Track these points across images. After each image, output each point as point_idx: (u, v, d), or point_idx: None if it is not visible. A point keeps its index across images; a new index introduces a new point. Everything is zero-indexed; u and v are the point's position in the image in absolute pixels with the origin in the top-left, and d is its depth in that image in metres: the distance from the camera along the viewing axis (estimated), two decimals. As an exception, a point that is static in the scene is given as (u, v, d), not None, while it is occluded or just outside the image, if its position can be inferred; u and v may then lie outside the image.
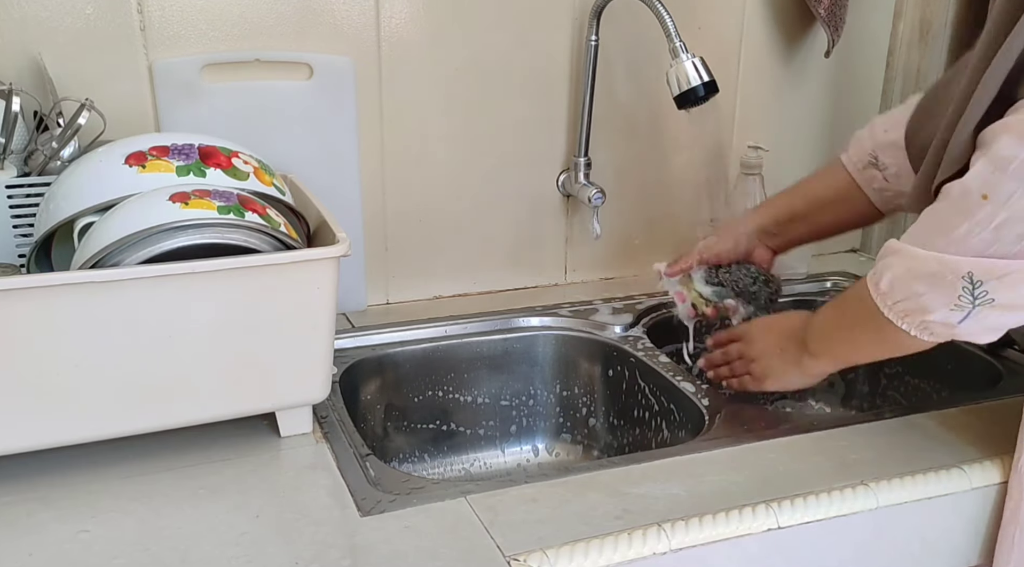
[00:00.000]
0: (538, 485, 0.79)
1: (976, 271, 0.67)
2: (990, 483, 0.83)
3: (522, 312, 1.19)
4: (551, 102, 1.22)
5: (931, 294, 0.70)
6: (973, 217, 0.66)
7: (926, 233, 0.71)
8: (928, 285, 0.70)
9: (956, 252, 0.68)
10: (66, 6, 0.98)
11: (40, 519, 0.73)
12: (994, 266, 0.66)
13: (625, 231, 1.33)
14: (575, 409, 1.19)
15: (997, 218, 0.65)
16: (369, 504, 0.76)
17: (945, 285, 0.69)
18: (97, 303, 0.73)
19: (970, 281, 0.67)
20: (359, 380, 1.07)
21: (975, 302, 0.68)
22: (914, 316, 0.73)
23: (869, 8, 1.36)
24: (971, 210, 0.66)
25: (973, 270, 0.67)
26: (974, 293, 0.68)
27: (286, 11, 1.06)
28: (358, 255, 1.16)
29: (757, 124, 1.36)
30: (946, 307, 0.70)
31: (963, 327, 0.71)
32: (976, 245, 0.66)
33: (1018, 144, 0.64)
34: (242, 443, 0.85)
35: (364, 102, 1.13)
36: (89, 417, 0.77)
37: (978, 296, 0.68)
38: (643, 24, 1.14)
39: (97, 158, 0.83)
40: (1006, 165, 0.64)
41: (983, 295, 0.67)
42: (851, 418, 1.10)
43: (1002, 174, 0.64)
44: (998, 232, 0.65)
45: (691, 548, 0.72)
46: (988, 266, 0.67)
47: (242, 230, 0.79)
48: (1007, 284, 0.67)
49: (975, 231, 0.66)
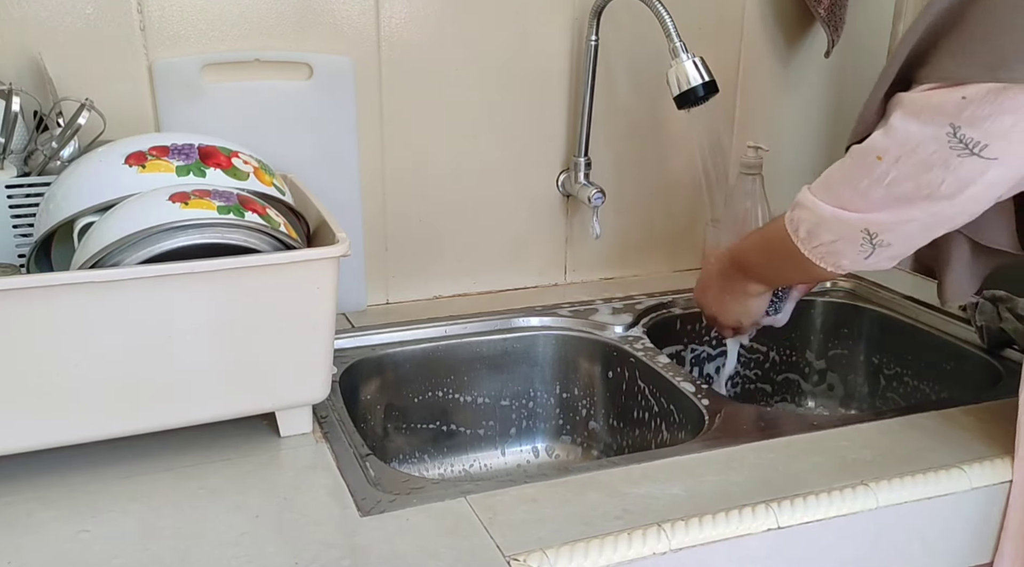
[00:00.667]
0: (538, 485, 0.79)
1: (870, 227, 0.79)
2: (990, 483, 0.83)
3: (522, 312, 1.19)
4: (551, 102, 1.22)
5: (839, 243, 0.82)
6: (871, 174, 0.77)
7: (832, 186, 0.82)
8: (835, 235, 0.82)
9: (860, 203, 0.79)
10: (66, 6, 0.98)
11: (40, 519, 0.73)
12: (883, 220, 0.78)
13: (625, 231, 1.33)
14: (575, 409, 1.19)
15: (888, 176, 0.76)
16: (369, 504, 0.76)
17: (849, 237, 0.81)
18: (97, 303, 0.73)
19: (868, 233, 0.80)
20: (359, 380, 1.07)
21: (875, 248, 0.81)
22: (829, 258, 0.85)
23: (869, 8, 1.36)
24: (870, 168, 0.77)
25: (868, 226, 0.80)
26: (873, 242, 0.80)
27: (286, 11, 1.06)
28: (358, 255, 1.16)
29: (757, 124, 1.36)
30: (853, 252, 0.82)
31: (869, 263, 0.83)
32: (875, 197, 0.78)
33: (904, 118, 0.75)
34: (242, 443, 0.85)
35: (364, 102, 1.13)
36: (89, 417, 0.77)
37: (877, 244, 0.80)
38: (643, 24, 1.14)
39: (97, 158, 0.83)
40: (895, 134, 0.75)
41: (881, 242, 0.80)
42: (851, 418, 1.10)
43: (892, 141, 0.75)
44: (889, 188, 0.76)
45: (691, 548, 0.72)
46: (879, 221, 0.79)
47: (242, 230, 0.79)
48: (898, 233, 0.79)
49: (874, 186, 0.77)
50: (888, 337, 1.24)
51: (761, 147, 1.23)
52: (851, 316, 1.28)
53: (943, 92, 0.72)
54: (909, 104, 0.75)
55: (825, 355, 1.30)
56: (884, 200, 0.77)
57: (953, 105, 0.71)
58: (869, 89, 0.80)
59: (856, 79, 1.39)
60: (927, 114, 0.73)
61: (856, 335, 1.28)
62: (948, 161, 0.72)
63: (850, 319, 1.28)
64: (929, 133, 0.72)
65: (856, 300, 1.29)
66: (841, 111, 1.41)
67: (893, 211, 0.77)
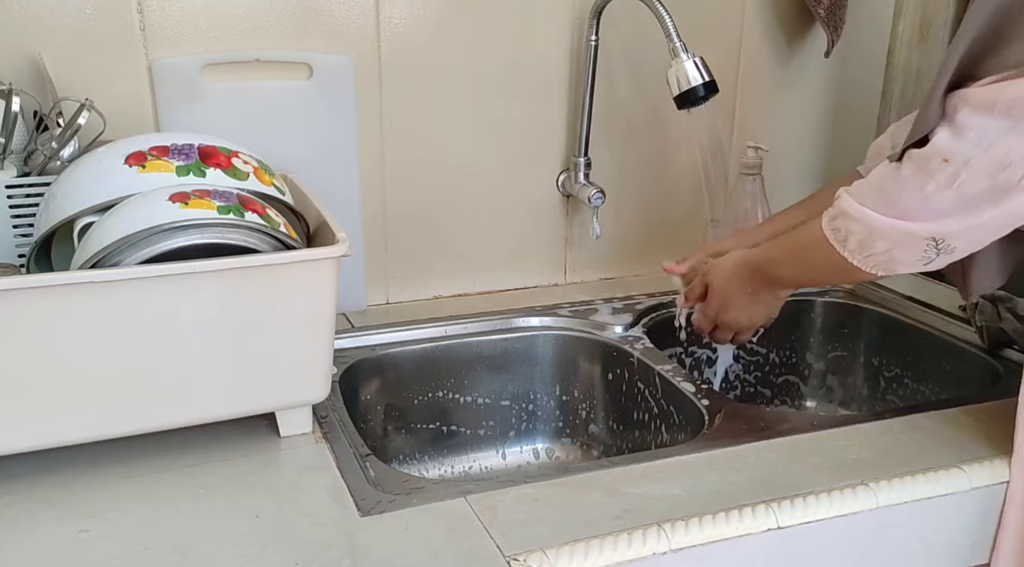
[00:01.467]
0: (538, 485, 0.79)
1: (937, 235, 0.76)
2: (990, 483, 0.83)
3: (522, 312, 1.19)
4: (551, 102, 1.22)
5: (899, 251, 0.78)
6: (936, 178, 0.73)
7: (888, 194, 0.77)
8: (895, 245, 0.78)
9: (925, 211, 0.75)
10: (66, 6, 0.98)
11: (40, 519, 0.73)
12: (952, 228, 0.74)
13: (625, 231, 1.33)
14: (575, 409, 1.19)
15: (959, 179, 0.72)
16: (369, 504, 0.76)
17: (912, 246, 0.77)
18: (97, 303, 0.73)
19: (933, 240, 0.76)
20: (359, 380, 1.07)
21: (939, 253, 0.77)
22: (884, 266, 0.81)
23: (869, 8, 1.36)
24: (934, 172, 0.73)
25: (934, 235, 0.76)
26: (938, 248, 0.76)
27: (286, 11, 1.06)
28: (358, 255, 1.16)
29: (757, 124, 1.36)
30: (913, 259, 0.79)
31: (929, 267, 0.80)
32: (943, 202, 0.74)
33: (973, 114, 0.71)
34: (242, 443, 0.85)
35: (364, 102, 1.13)
36: (89, 417, 0.77)
37: (942, 249, 0.77)
38: (643, 24, 1.15)
39: (97, 158, 0.83)
40: (964, 132, 0.71)
41: (946, 247, 0.76)
42: (851, 418, 1.10)
43: (961, 141, 0.71)
44: (960, 190, 0.72)
45: (691, 548, 0.72)
46: (947, 229, 0.75)
47: (242, 230, 0.79)
48: (967, 238, 0.76)
49: (941, 190, 0.73)
50: (888, 337, 1.24)
51: (761, 147, 1.23)
52: (851, 316, 1.28)
53: (1019, 82, 0.68)
54: (978, 99, 0.70)
55: (825, 356, 1.30)
56: (954, 205, 0.73)
57: None
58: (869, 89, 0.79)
59: (856, 79, 1.39)
60: (1002, 106, 0.69)
61: (856, 335, 1.28)
62: None
63: (850, 319, 1.28)
64: (1005, 127, 0.69)
65: (856, 300, 1.29)
66: (841, 111, 1.41)
67: (963, 216, 0.73)
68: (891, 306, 1.25)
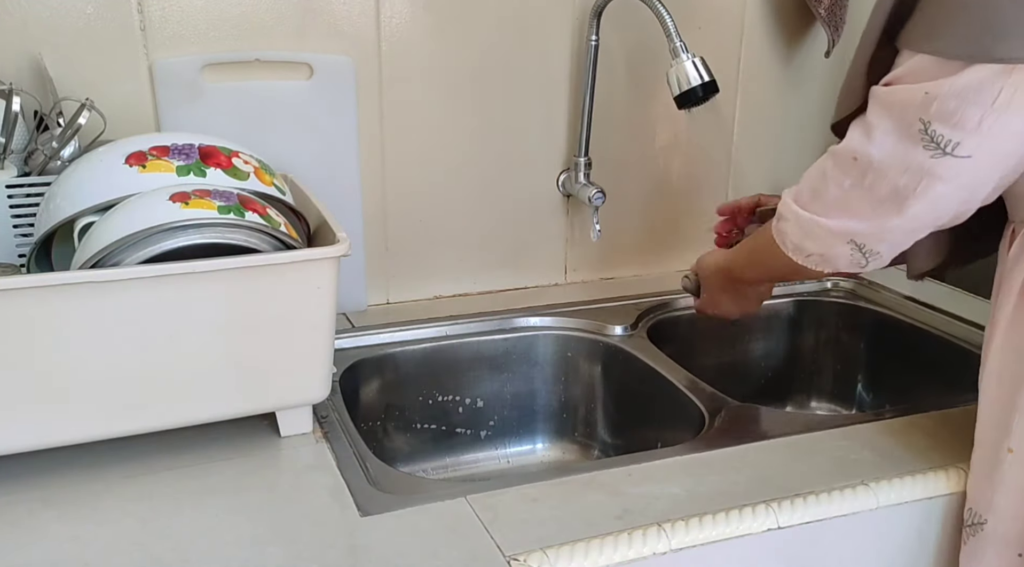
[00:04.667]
0: (538, 485, 0.79)
1: (856, 237, 0.75)
2: (990, 483, 0.83)
3: (522, 312, 1.19)
4: (551, 102, 1.22)
5: (830, 252, 0.78)
6: (849, 176, 0.73)
7: (816, 191, 0.78)
8: (825, 246, 0.78)
9: (840, 209, 0.75)
10: (66, 6, 0.98)
11: (41, 519, 0.73)
12: (866, 231, 0.74)
13: (625, 231, 1.33)
14: (575, 409, 1.19)
15: (866, 179, 0.72)
16: (369, 504, 0.76)
17: (837, 247, 0.77)
18: (97, 303, 0.73)
19: (855, 244, 0.76)
20: (359, 380, 1.07)
21: (866, 257, 0.77)
22: (824, 265, 0.81)
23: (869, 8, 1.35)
24: (848, 169, 0.73)
25: (853, 237, 0.75)
26: (861, 250, 0.76)
27: (286, 11, 1.06)
28: (358, 255, 1.16)
29: (757, 124, 1.36)
30: (846, 260, 0.78)
31: (868, 269, 0.79)
32: (855, 201, 0.74)
33: (879, 114, 0.71)
34: (242, 443, 0.85)
35: (364, 102, 1.13)
36: (90, 417, 0.77)
37: (865, 252, 0.76)
38: (643, 24, 1.15)
39: (97, 158, 0.83)
40: (871, 132, 0.71)
41: (869, 251, 0.76)
42: (851, 418, 1.11)
43: (869, 141, 0.71)
44: (870, 192, 0.72)
45: (691, 548, 0.72)
46: (862, 231, 0.75)
47: (242, 230, 0.79)
48: (884, 241, 0.75)
49: (854, 188, 0.73)
50: (888, 337, 1.24)
51: None
52: (851, 316, 1.28)
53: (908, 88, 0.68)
54: (884, 98, 0.71)
55: (825, 356, 1.30)
56: (865, 204, 0.73)
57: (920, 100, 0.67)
58: None
59: (856, 79, 1.39)
60: (897, 111, 0.69)
61: (856, 335, 1.28)
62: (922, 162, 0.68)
63: (850, 319, 1.28)
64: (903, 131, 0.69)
65: (856, 300, 1.29)
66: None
67: (874, 218, 0.73)
68: (891, 306, 1.25)
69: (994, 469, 0.78)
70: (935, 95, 0.66)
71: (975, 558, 0.80)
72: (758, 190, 1.39)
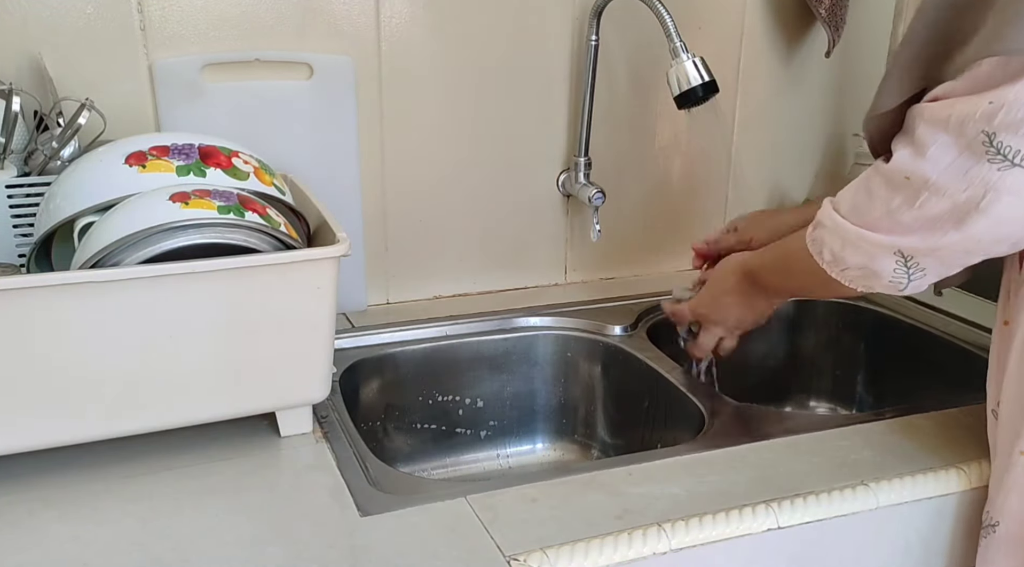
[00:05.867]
0: (538, 485, 0.79)
1: (904, 250, 0.73)
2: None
3: (522, 312, 1.19)
4: (551, 102, 1.22)
5: (872, 266, 0.76)
6: (901, 193, 0.71)
7: (859, 205, 0.75)
8: (868, 258, 0.75)
9: (889, 225, 0.73)
10: (66, 6, 0.98)
11: (41, 519, 0.73)
12: (919, 244, 0.72)
13: (625, 231, 1.33)
14: (575, 409, 1.19)
15: (919, 198, 0.70)
16: (369, 504, 0.76)
17: (881, 261, 0.74)
18: (97, 303, 0.73)
19: (901, 254, 0.73)
20: (359, 380, 1.07)
21: (910, 274, 0.74)
22: (859, 281, 0.78)
23: (869, 8, 1.36)
24: (899, 188, 0.71)
25: (902, 248, 0.73)
26: (907, 266, 0.73)
27: (286, 11, 1.06)
28: (358, 255, 1.16)
29: (757, 124, 1.36)
30: (888, 276, 0.75)
31: (906, 292, 0.77)
32: (905, 218, 0.71)
33: (929, 131, 0.68)
34: (242, 443, 0.85)
35: (364, 102, 1.13)
36: (89, 417, 0.77)
37: (911, 267, 0.74)
38: (643, 24, 1.15)
39: (97, 158, 0.83)
40: (924, 150, 0.69)
41: (915, 266, 0.73)
42: (851, 418, 1.11)
43: (922, 160, 0.69)
44: (921, 210, 0.70)
45: (691, 548, 0.72)
46: (912, 245, 0.72)
47: (242, 230, 0.79)
48: (934, 258, 0.73)
49: (905, 206, 0.71)
50: (888, 337, 1.24)
51: None
52: (851, 316, 1.28)
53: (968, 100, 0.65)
54: (932, 114, 0.68)
55: (825, 355, 1.30)
56: (917, 222, 0.71)
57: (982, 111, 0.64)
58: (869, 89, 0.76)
59: (857, 79, 1.39)
60: (955, 123, 0.66)
61: (856, 335, 1.28)
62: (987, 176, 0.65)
63: (850, 319, 1.28)
64: (962, 145, 0.66)
65: (856, 300, 1.29)
66: (842, 111, 1.41)
67: (926, 235, 0.70)
68: (891, 306, 1.25)
69: (1006, 472, 0.78)
70: (1001, 103, 0.63)
71: (988, 560, 0.81)
72: (758, 191, 1.40)
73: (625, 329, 1.16)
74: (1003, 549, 0.79)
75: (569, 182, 1.25)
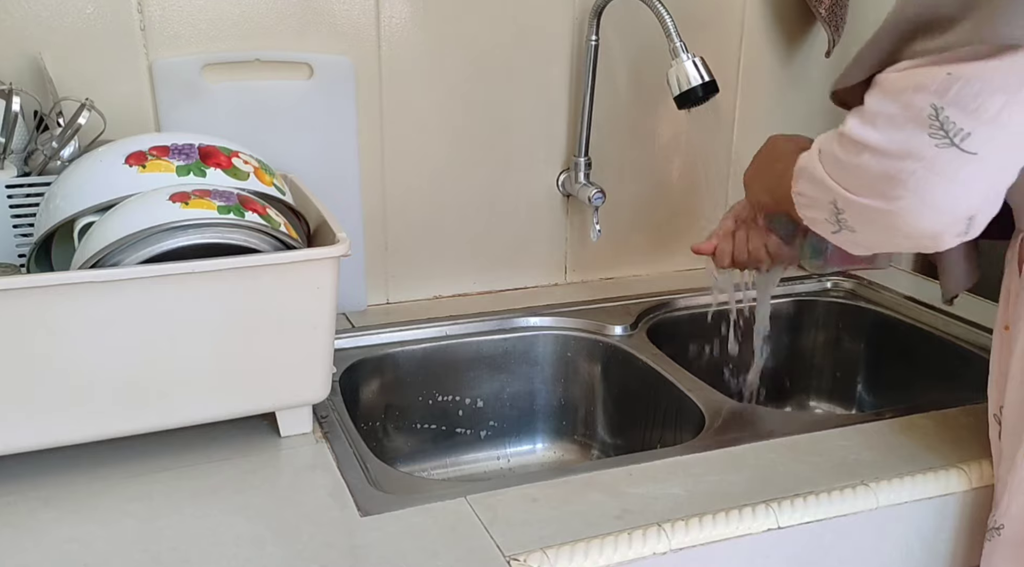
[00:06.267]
0: (538, 485, 0.79)
1: (838, 201, 0.72)
2: (990, 483, 0.83)
3: (522, 312, 1.19)
4: (551, 102, 1.22)
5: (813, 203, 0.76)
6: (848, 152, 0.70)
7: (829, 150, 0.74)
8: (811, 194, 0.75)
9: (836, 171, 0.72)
10: (66, 6, 0.98)
11: (41, 519, 0.73)
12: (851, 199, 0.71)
13: (625, 231, 1.33)
14: (575, 409, 1.19)
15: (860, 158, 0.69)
16: (369, 504, 0.76)
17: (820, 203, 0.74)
18: (97, 303, 0.73)
19: (835, 208, 0.73)
20: (359, 380, 1.07)
21: (840, 226, 0.73)
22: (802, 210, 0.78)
23: (869, 8, 1.36)
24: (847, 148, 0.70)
25: (835, 200, 0.72)
26: (839, 219, 0.73)
27: (286, 11, 1.06)
28: (358, 255, 1.16)
29: (757, 124, 1.36)
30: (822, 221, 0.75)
31: (835, 240, 0.76)
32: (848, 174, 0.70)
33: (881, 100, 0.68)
34: (242, 443, 0.85)
35: (364, 102, 1.13)
36: (89, 417, 0.77)
37: (842, 223, 0.73)
38: (643, 24, 1.15)
39: (97, 158, 0.83)
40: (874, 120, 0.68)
41: (845, 222, 0.73)
42: (851, 418, 1.10)
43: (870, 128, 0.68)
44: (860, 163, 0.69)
45: (691, 548, 0.72)
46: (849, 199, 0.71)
47: (242, 230, 0.79)
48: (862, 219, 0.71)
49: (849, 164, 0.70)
50: (888, 337, 1.24)
51: None
52: (851, 316, 1.28)
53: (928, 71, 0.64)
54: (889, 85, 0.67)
55: (825, 355, 1.30)
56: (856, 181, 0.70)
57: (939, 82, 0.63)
58: None
59: (856, 79, 1.39)
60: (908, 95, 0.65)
61: (856, 335, 1.28)
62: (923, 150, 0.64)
63: (850, 319, 1.28)
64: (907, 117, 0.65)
65: (856, 300, 1.29)
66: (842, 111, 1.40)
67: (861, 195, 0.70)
68: (891, 306, 1.25)
69: (1010, 476, 0.78)
70: (959, 76, 0.62)
71: (993, 563, 0.81)
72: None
73: (625, 329, 1.16)
74: (1007, 552, 0.79)
75: (569, 182, 1.25)
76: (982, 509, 0.84)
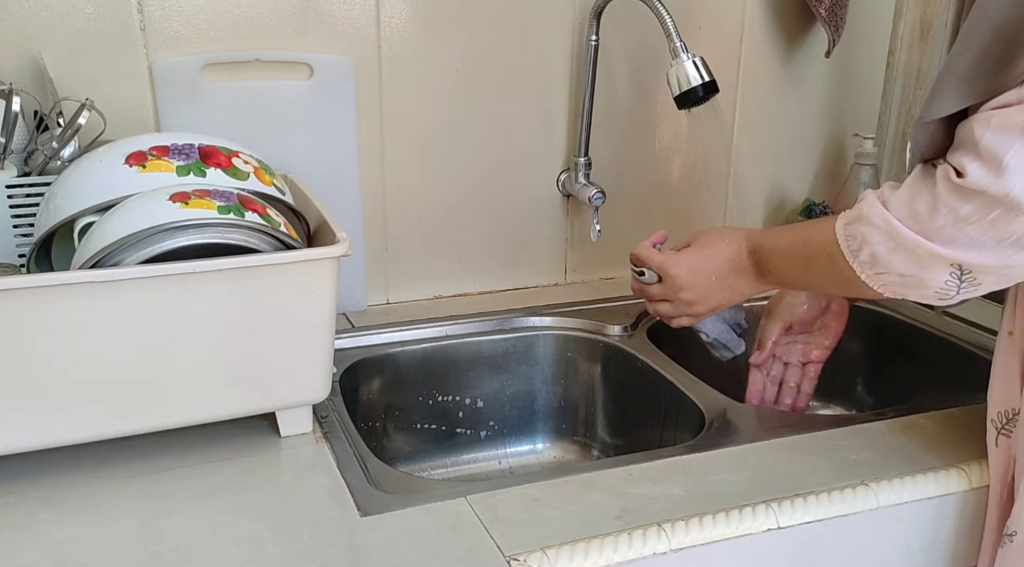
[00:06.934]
0: (538, 485, 0.79)
1: (965, 263, 0.66)
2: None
3: (522, 312, 1.19)
4: (551, 102, 1.22)
5: (920, 276, 0.69)
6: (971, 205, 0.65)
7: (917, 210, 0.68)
8: (919, 268, 0.69)
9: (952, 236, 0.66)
10: (66, 6, 0.98)
11: (41, 519, 0.73)
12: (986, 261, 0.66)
13: (625, 231, 1.33)
14: (575, 409, 1.19)
15: (993, 213, 0.64)
16: (369, 504, 0.76)
17: (933, 272, 0.68)
18: (97, 303, 0.73)
19: (959, 268, 0.67)
20: (359, 380, 1.07)
21: (960, 285, 0.68)
22: (894, 288, 0.72)
23: (869, 8, 1.36)
24: (969, 198, 0.65)
25: (962, 263, 0.66)
26: (961, 279, 0.67)
27: (286, 11, 1.06)
28: (358, 255, 1.16)
29: (757, 124, 1.36)
30: (934, 289, 0.69)
31: (946, 304, 0.71)
32: (974, 232, 0.65)
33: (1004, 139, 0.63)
34: (242, 443, 0.85)
35: (364, 102, 1.13)
36: (89, 417, 0.77)
37: (965, 282, 0.67)
38: (643, 24, 1.15)
39: (97, 158, 0.83)
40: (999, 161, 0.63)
41: (970, 279, 0.67)
42: (851, 418, 1.11)
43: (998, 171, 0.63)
44: (995, 225, 0.64)
45: (691, 548, 0.72)
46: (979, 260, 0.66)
47: (242, 230, 0.79)
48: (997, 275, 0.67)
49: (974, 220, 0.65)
50: (888, 337, 1.24)
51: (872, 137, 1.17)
52: (851, 316, 1.28)
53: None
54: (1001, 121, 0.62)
55: (825, 355, 1.30)
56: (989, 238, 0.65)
57: None
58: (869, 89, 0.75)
59: (857, 79, 1.39)
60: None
61: (856, 335, 1.28)
62: None
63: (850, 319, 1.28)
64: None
65: (855, 300, 1.28)
66: (842, 111, 1.41)
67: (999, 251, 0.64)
68: (891, 306, 1.25)
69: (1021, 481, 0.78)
70: None
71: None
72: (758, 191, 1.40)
73: (625, 329, 1.16)
74: (1020, 560, 0.79)
75: (569, 182, 1.25)
76: (982, 509, 0.84)
